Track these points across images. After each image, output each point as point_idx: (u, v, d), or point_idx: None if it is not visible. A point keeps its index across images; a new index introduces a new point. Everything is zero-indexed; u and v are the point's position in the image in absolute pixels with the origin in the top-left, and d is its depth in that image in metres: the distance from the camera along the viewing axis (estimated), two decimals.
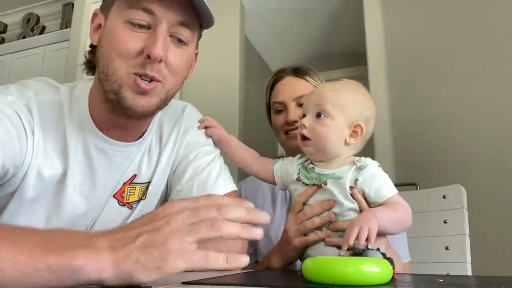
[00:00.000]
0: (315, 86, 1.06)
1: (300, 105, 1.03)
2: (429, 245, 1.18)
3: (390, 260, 0.52)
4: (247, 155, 0.89)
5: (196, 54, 0.81)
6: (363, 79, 2.61)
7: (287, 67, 1.11)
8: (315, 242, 0.74)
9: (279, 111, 1.05)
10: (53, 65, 2.97)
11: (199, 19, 0.72)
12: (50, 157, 0.71)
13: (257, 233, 0.45)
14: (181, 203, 0.45)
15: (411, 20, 2.05)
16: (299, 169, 0.81)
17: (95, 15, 0.74)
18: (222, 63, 2.36)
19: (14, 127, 0.65)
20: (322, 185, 0.75)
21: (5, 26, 3.54)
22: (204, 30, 0.78)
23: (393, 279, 0.49)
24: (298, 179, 0.79)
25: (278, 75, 1.09)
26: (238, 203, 0.46)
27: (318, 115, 0.77)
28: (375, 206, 0.72)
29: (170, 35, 0.69)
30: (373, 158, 0.79)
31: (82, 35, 2.71)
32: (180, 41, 0.70)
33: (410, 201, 1.29)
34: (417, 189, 1.63)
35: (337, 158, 0.78)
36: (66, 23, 3.14)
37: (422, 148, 1.85)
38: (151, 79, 0.68)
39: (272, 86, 1.10)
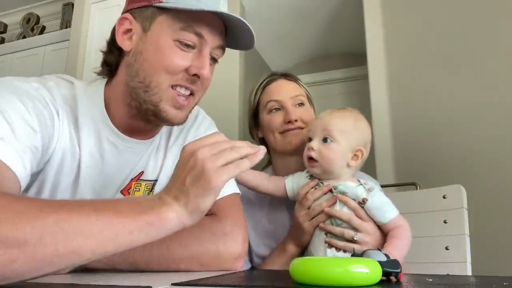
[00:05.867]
0: (305, 91, 1.12)
1: (295, 105, 1.06)
2: (429, 245, 1.17)
3: (395, 262, 0.50)
4: (259, 176, 0.96)
5: None
6: (363, 79, 2.61)
7: (276, 72, 1.15)
8: (323, 220, 0.86)
9: (275, 110, 1.06)
10: (53, 65, 2.97)
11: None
12: (70, 145, 0.73)
13: (262, 151, 0.57)
14: (196, 143, 0.56)
15: (411, 20, 2.05)
16: (309, 180, 0.93)
17: (124, 19, 0.74)
18: (222, 63, 2.35)
19: (45, 109, 0.68)
20: (333, 189, 0.87)
21: (5, 26, 3.54)
22: None
23: (398, 282, 0.48)
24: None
25: (271, 77, 1.12)
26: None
27: (325, 140, 0.88)
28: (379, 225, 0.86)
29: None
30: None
31: (82, 35, 2.71)
32: (215, 61, 0.78)
33: (410, 201, 1.29)
34: (417, 189, 1.63)
35: (340, 178, 0.89)
36: (66, 23, 3.14)
37: (422, 148, 1.85)
38: (190, 93, 0.74)
39: (264, 88, 1.11)
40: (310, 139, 0.91)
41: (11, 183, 0.57)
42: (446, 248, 1.14)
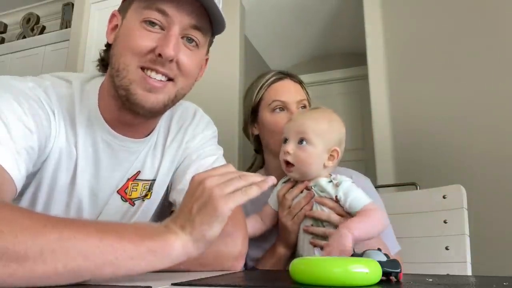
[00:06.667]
0: (306, 95, 1.10)
1: (300, 107, 1.05)
2: (429, 245, 1.17)
3: (395, 262, 0.50)
4: (254, 225, 0.94)
5: (206, 59, 0.83)
6: (363, 79, 2.61)
7: (283, 70, 1.13)
8: (303, 216, 0.87)
9: (279, 110, 1.04)
10: (53, 65, 2.97)
11: (211, 25, 0.75)
12: (66, 145, 0.73)
13: (271, 179, 0.56)
14: (205, 173, 0.56)
15: (411, 20, 2.05)
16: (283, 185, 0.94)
17: (113, 16, 0.77)
18: (222, 63, 2.36)
19: (41, 109, 0.68)
20: (309, 187, 0.88)
21: (5, 26, 3.54)
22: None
23: (398, 282, 0.48)
24: None
25: (278, 76, 1.09)
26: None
27: (300, 142, 0.87)
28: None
29: (182, 37, 0.71)
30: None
31: (82, 35, 2.71)
32: (191, 43, 0.73)
33: (410, 201, 1.29)
34: (417, 189, 1.63)
35: (315, 178, 0.89)
36: (66, 23, 3.14)
37: (422, 148, 1.85)
38: (167, 78, 0.71)
39: (269, 85, 1.09)
40: (285, 141, 0.90)
41: (7, 185, 0.57)
42: (446, 248, 1.14)
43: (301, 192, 0.90)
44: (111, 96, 0.74)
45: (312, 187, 0.88)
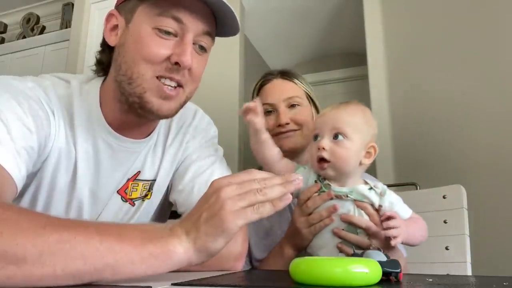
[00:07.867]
0: (304, 90, 1.09)
1: (289, 106, 1.05)
2: (429, 245, 1.17)
3: (395, 262, 0.50)
4: (271, 154, 0.90)
5: None
6: (363, 79, 2.61)
7: (274, 70, 1.13)
8: (322, 228, 0.80)
9: (268, 113, 1.06)
10: (53, 65, 2.97)
11: (216, 28, 0.75)
12: (66, 145, 0.73)
13: (296, 182, 0.54)
14: (226, 179, 0.53)
15: (411, 20, 2.05)
16: (315, 182, 0.84)
17: (111, 15, 0.75)
18: (222, 63, 2.36)
19: (41, 109, 0.68)
20: (343, 196, 0.79)
21: (5, 26, 3.54)
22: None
23: (398, 282, 0.48)
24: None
25: (266, 78, 1.11)
26: (273, 176, 0.54)
27: (335, 137, 0.79)
28: None
29: (194, 43, 0.71)
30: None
31: (82, 35, 2.71)
32: (202, 49, 0.73)
33: (410, 201, 1.28)
34: (417, 189, 1.63)
35: (349, 178, 0.81)
36: (66, 23, 3.14)
37: (422, 148, 1.85)
38: (177, 85, 0.71)
39: (259, 88, 1.11)
40: (316, 137, 0.83)
41: (7, 185, 0.57)
42: (446, 248, 1.14)
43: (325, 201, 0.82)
44: (117, 99, 0.74)
45: (348, 195, 0.80)
